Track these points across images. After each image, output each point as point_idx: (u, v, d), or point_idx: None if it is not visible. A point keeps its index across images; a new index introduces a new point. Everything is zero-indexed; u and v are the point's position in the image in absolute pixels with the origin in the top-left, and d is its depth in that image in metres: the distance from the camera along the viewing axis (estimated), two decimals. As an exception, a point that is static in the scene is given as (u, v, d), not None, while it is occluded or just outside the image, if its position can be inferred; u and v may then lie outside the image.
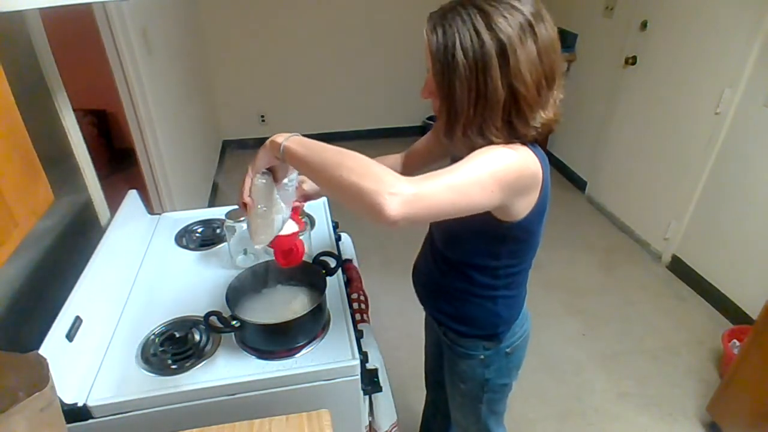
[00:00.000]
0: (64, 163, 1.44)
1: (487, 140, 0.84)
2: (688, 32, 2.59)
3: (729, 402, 1.82)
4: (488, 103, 0.81)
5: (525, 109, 0.82)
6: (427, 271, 1.17)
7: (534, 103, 0.83)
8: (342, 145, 0.85)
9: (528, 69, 0.79)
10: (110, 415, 1.00)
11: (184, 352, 1.12)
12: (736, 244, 2.41)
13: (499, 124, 0.83)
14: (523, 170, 0.84)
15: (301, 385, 1.07)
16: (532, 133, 0.86)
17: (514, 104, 0.81)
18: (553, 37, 0.82)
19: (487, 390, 1.19)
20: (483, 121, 0.83)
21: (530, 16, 0.79)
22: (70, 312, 1.06)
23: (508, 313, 1.10)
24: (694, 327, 2.46)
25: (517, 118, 0.83)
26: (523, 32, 0.78)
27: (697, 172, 2.56)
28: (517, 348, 1.15)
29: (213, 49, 3.95)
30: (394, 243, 3.06)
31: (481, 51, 0.78)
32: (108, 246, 1.30)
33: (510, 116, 0.83)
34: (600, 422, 2.00)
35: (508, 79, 0.79)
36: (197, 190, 3.18)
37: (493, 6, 0.78)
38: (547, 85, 0.83)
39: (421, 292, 1.21)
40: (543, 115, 0.85)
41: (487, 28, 0.77)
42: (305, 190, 1.16)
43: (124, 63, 2.05)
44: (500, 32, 0.77)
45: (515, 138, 0.85)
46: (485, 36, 0.77)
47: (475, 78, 0.79)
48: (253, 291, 1.22)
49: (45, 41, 1.35)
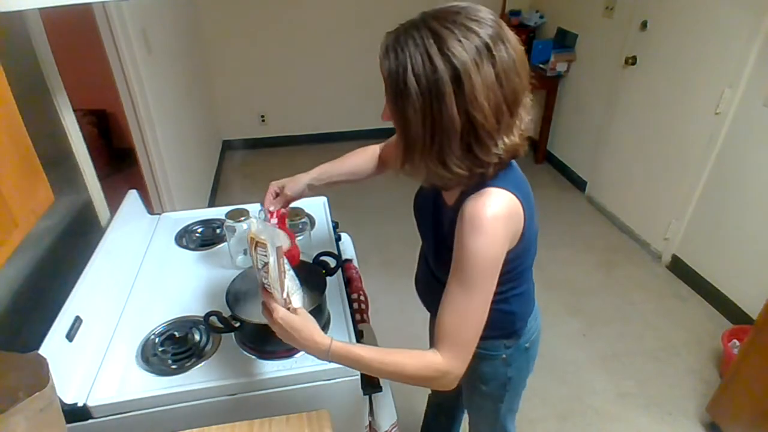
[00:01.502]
0: (64, 163, 1.44)
1: (449, 170, 0.81)
2: (688, 32, 2.59)
3: (729, 402, 1.82)
4: (444, 131, 0.77)
5: (484, 137, 0.78)
6: (432, 289, 1.12)
7: (493, 131, 0.78)
8: (342, 144, 0.86)
9: (485, 95, 0.74)
10: (110, 415, 1.00)
11: (184, 352, 1.12)
12: (736, 244, 2.41)
13: (458, 153, 0.79)
14: (510, 233, 0.85)
15: (301, 385, 1.07)
16: (495, 161, 0.82)
17: (472, 132, 0.77)
18: (516, 58, 0.77)
19: (509, 388, 1.19)
20: (441, 150, 0.79)
21: (488, 39, 0.74)
22: (70, 312, 1.06)
23: (522, 308, 1.09)
24: (694, 327, 2.46)
25: (477, 147, 0.79)
26: (479, 56, 0.73)
27: (697, 172, 2.56)
28: (534, 341, 1.16)
29: (213, 49, 3.95)
30: (394, 243, 3.06)
31: (433, 77, 0.73)
32: (108, 246, 1.30)
33: (470, 144, 0.79)
34: (600, 422, 2.00)
35: (464, 107, 0.75)
36: (197, 190, 3.18)
37: (447, 29, 0.74)
38: (508, 110, 0.79)
39: (431, 307, 1.20)
40: (506, 140, 0.81)
41: (440, 52, 0.73)
42: (288, 195, 1.16)
43: (124, 63, 2.05)
44: (453, 57, 0.72)
45: (478, 166, 0.81)
46: (438, 61, 0.73)
47: (429, 105, 0.75)
48: (253, 291, 1.22)
49: (45, 41, 1.35)
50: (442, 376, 0.85)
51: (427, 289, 1.18)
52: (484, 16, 0.76)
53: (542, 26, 4.01)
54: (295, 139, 4.42)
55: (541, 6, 4.03)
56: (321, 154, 5.12)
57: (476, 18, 0.75)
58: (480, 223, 0.82)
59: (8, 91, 0.76)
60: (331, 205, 1.63)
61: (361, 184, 1.30)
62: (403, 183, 1.00)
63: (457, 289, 0.85)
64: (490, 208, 0.82)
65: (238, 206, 1.39)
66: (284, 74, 4.16)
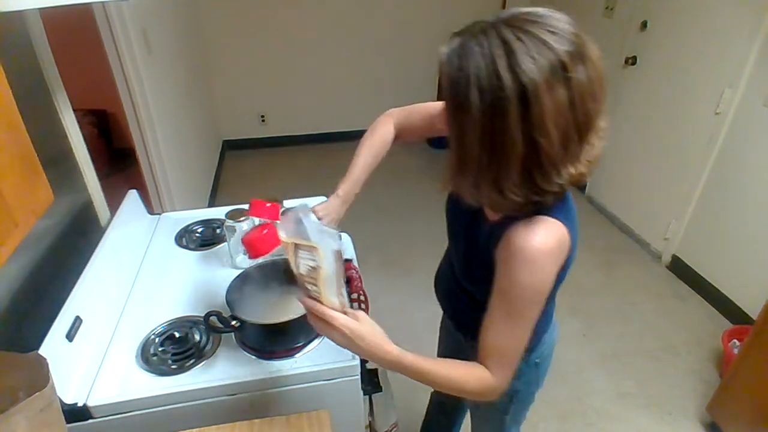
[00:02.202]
0: (64, 163, 1.44)
1: (503, 195, 0.73)
2: (688, 32, 2.59)
3: (729, 402, 1.82)
4: (503, 154, 0.69)
5: (547, 164, 0.70)
6: (454, 295, 1.11)
7: (558, 159, 0.70)
8: (342, 144, 0.86)
9: (554, 120, 0.66)
10: (110, 415, 1.00)
11: (184, 352, 1.12)
12: (736, 244, 2.41)
13: (516, 179, 0.71)
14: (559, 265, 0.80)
15: (301, 385, 1.07)
16: (555, 190, 0.73)
17: (534, 158, 0.69)
18: (594, 80, 0.68)
19: (515, 401, 1.16)
20: (497, 173, 0.71)
21: (565, 57, 0.65)
22: (70, 312, 1.06)
23: (540, 326, 1.03)
24: (694, 327, 2.46)
25: (538, 174, 0.71)
26: (553, 76, 0.65)
27: (697, 172, 2.56)
28: (545, 357, 1.13)
29: (213, 49, 3.95)
30: (394, 243, 3.06)
31: (498, 94, 0.65)
32: (108, 246, 1.30)
33: (530, 171, 0.70)
34: (600, 422, 2.00)
35: (528, 130, 0.66)
36: (197, 190, 3.18)
37: (520, 40, 0.65)
38: (578, 137, 0.70)
39: (448, 309, 1.18)
40: (571, 169, 0.72)
41: (509, 67, 0.64)
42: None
43: (124, 63, 2.05)
44: (523, 74, 0.64)
45: (535, 194, 0.73)
46: (505, 76, 0.64)
47: (490, 123, 0.67)
48: (253, 291, 1.22)
49: (45, 41, 1.34)
50: (493, 391, 0.84)
51: (447, 292, 1.15)
52: (564, 28, 0.67)
53: (542, 26, 4.01)
54: (295, 139, 4.42)
55: (541, 6, 4.03)
56: (321, 154, 5.10)
57: (554, 30, 0.66)
58: (532, 257, 0.76)
59: (8, 91, 0.76)
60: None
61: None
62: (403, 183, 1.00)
63: (502, 317, 0.82)
64: (543, 241, 0.77)
65: (238, 206, 1.39)
66: (284, 74, 4.16)
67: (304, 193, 1.62)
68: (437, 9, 4.01)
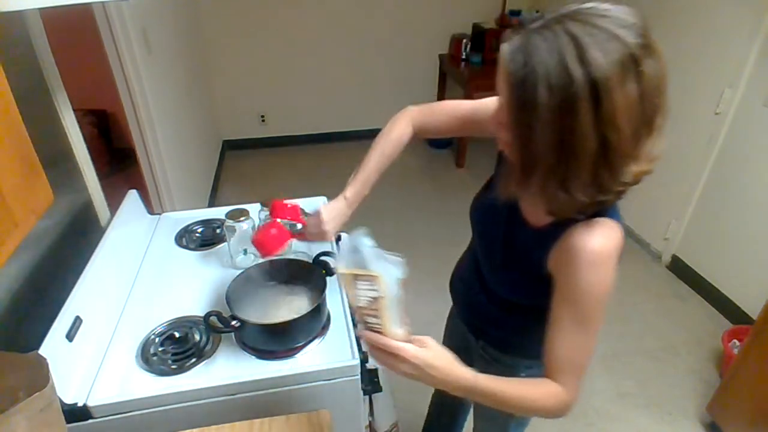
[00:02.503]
0: (64, 163, 1.44)
1: (571, 195, 0.71)
2: (688, 32, 2.59)
3: (729, 402, 1.82)
4: (573, 153, 0.67)
5: (616, 162, 0.69)
6: (477, 301, 1.09)
7: (627, 156, 0.69)
8: (342, 144, 0.85)
9: (626, 116, 0.65)
10: (110, 415, 1.00)
11: (184, 352, 1.12)
12: (736, 244, 2.41)
13: (585, 178, 0.69)
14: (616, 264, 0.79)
15: (301, 385, 1.07)
16: (620, 189, 0.72)
17: (604, 156, 0.68)
18: (660, 74, 0.66)
19: None
20: (566, 173, 0.69)
21: (636, 50, 0.63)
22: (70, 312, 1.06)
23: None
24: (694, 327, 2.46)
25: (606, 172, 0.70)
26: (624, 70, 0.63)
27: (697, 172, 2.56)
28: None
29: (213, 49, 3.95)
30: (394, 243, 3.04)
31: (568, 90, 0.63)
32: (108, 246, 1.30)
33: (598, 170, 0.69)
34: (600, 422, 2.00)
35: (599, 127, 0.65)
36: (197, 190, 3.18)
37: (589, 34, 0.63)
38: (647, 134, 0.69)
39: (465, 312, 1.17)
40: (635, 168, 0.71)
41: (579, 61, 0.62)
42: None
43: (124, 63, 2.05)
44: (594, 68, 0.62)
45: (601, 194, 0.72)
46: (575, 71, 0.62)
47: (559, 121, 0.65)
48: (254, 291, 1.22)
49: (45, 41, 1.34)
50: (567, 407, 0.81)
51: (466, 295, 1.13)
52: (633, 21, 0.65)
53: (542, 26, 4.00)
54: (295, 139, 4.41)
55: (541, 6, 4.03)
56: (321, 154, 5.10)
57: (624, 23, 0.64)
58: (599, 259, 0.76)
59: (8, 91, 0.76)
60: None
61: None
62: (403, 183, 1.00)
63: (572, 325, 0.80)
64: (606, 242, 0.77)
65: (238, 206, 1.39)
66: (284, 74, 4.16)
67: (304, 193, 1.62)
68: (437, 9, 4.01)
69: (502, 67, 0.69)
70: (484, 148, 4.31)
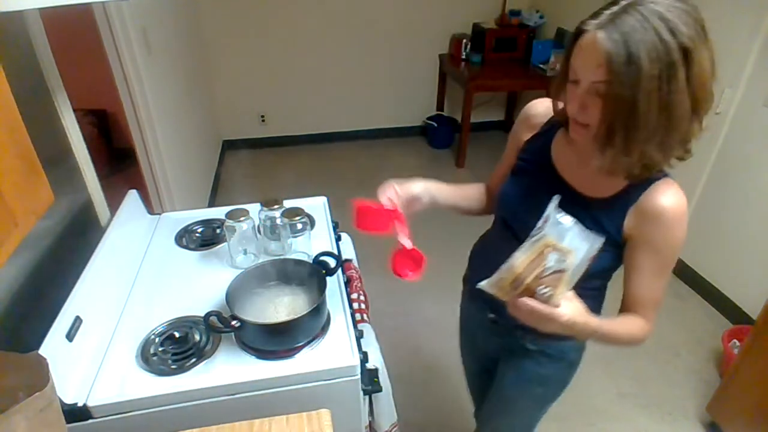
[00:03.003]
0: (64, 163, 1.44)
1: (666, 155, 0.82)
2: (688, 32, 2.59)
3: (729, 402, 1.82)
4: (673, 115, 0.76)
5: (699, 121, 0.79)
6: None
7: (705, 114, 0.79)
8: (342, 144, 0.85)
9: (707, 75, 0.76)
10: (110, 415, 1.00)
11: (184, 352, 1.12)
12: (736, 244, 2.41)
13: (678, 137, 0.80)
14: None
15: (301, 385, 1.07)
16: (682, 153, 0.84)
17: (695, 112, 0.78)
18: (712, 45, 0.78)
19: (559, 392, 1.21)
20: (665, 135, 0.79)
21: (702, 20, 0.76)
22: (70, 312, 1.06)
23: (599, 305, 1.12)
24: (694, 327, 2.46)
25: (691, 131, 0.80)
26: (699, 36, 0.74)
27: (697, 172, 2.56)
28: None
29: (213, 48, 3.95)
30: (394, 243, 3.05)
31: (667, 58, 0.72)
32: (108, 246, 1.30)
33: (691, 125, 0.79)
34: (600, 422, 2.00)
35: (692, 88, 0.75)
36: (197, 190, 3.18)
37: (669, 11, 0.73)
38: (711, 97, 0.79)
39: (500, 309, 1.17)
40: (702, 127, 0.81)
41: (671, 34, 0.72)
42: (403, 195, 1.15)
43: (124, 63, 2.05)
44: (683, 36, 0.72)
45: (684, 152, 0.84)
46: (670, 42, 0.72)
47: (665, 87, 0.74)
48: (254, 291, 1.22)
49: (45, 41, 1.34)
50: (649, 335, 0.97)
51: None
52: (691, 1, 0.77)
53: (542, 26, 4.00)
54: (295, 139, 4.42)
55: (541, 6, 4.03)
56: (321, 154, 5.10)
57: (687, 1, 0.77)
58: (682, 212, 0.88)
59: (8, 91, 0.76)
60: (331, 205, 1.63)
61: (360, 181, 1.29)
62: (403, 183, 1.00)
63: (655, 271, 0.93)
64: (683, 199, 0.88)
65: (238, 206, 1.39)
66: (284, 74, 4.16)
67: (304, 193, 1.62)
68: (437, 9, 4.02)
69: (596, 51, 0.75)
70: (485, 148, 4.31)
